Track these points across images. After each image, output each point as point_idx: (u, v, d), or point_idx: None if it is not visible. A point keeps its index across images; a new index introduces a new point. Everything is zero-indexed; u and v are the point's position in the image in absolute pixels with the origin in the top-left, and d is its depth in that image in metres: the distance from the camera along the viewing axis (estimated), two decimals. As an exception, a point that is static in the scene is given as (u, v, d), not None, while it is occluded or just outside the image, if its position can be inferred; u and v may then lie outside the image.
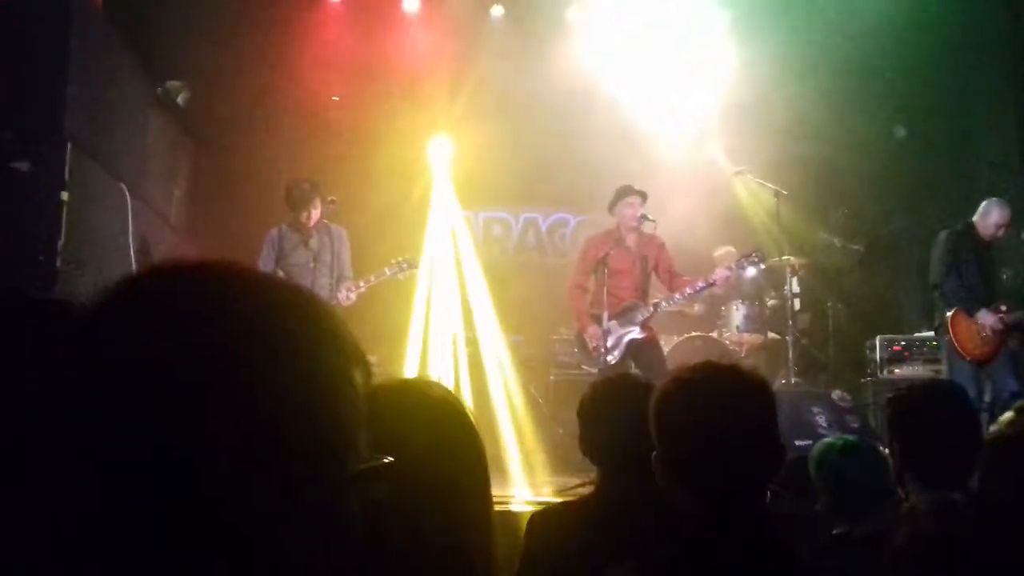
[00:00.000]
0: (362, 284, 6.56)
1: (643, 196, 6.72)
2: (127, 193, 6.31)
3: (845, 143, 8.19)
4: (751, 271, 6.76)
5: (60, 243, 5.31)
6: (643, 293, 6.75)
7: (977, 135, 8.59)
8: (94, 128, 5.89)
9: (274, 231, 6.68)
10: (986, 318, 6.47)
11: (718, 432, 1.86)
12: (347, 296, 6.46)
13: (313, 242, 6.64)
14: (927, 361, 7.58)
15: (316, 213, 6.57)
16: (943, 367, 7.03)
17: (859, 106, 8.23)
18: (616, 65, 8.52)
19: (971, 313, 6.53)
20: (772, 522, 1.89)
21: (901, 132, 8.75)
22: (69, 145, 5.43)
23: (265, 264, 6.51)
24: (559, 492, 5.44)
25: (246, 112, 7.82)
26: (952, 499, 2.43)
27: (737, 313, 8.14)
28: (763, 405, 1.93)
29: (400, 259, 6.78)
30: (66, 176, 5.39)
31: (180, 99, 7.15)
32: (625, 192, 6.73)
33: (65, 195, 5.38)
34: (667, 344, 7.68)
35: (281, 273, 6.46)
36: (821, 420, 6.61)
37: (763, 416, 1.91)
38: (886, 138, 8.74)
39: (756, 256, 6.71)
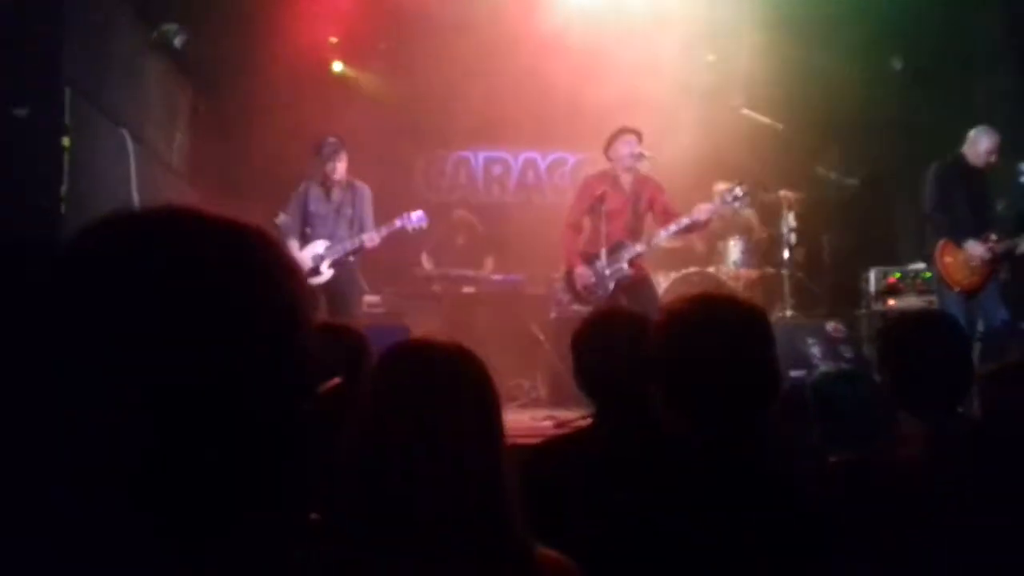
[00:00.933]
0: (375, 235, 6.69)
1: (639, 134, 6.73)
2: (128, 138, 6.30)
3: (841, 76, 8.15)
4: (736, 204, 6.73)
5: (63, 189, 5.31)
6: (633, 234, 6.71)
7: (974, 66, 8.53)
8: (92, 74, 5.85)
9: (303, 184, 6.94)
10: (975, 248, 6.42)
11: (716, 360, 1.87)
12: (371, 237, 6.67)
13: (335, 194, 6.86)
14: (921, 292, 7.63)
15: (342, 167, 6.79)
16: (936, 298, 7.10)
17: (856, 39, 8.17)
18: (615, 7, 8.43)
19: (959, 244, 6.49)
20: (768, 449, 1.91)
21: (898, 64, 8.70)
22: (67, 91, 5.40)
23: (292, 215, 6.84)
24: (559, 425, 5.51)
25: (242, 54, 7.76)
26: (943, 428, 2.45)
27: (734, 248, 8.18)
28: (760, 333, 1.94)
29: (409, 213, 6.82)
30: (66, 122, 5.36)
31: (177, 42, 7.09)
32: (621, 130, 6.73)
33: (66, 141, 5.36)
34: (664, 280, 7.76)
35: (304, 223, 6.84)
36: (815, 351, 6.72)
37: (761, 344, 1.92)
38: (882, 70, 8.71)
39: (740, 188, 6.59)
